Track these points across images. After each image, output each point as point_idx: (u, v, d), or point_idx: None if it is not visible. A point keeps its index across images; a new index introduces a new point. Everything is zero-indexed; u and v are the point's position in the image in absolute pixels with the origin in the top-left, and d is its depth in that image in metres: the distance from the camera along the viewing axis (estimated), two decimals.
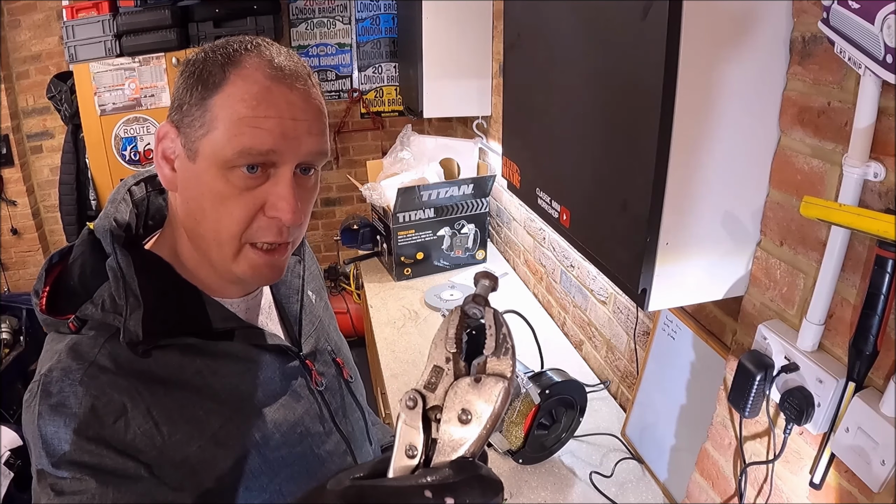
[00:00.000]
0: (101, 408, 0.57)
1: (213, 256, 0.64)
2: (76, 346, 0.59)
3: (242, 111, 0.58)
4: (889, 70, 0.61)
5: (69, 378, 0.57)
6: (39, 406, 0.57)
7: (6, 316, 2.61)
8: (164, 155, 0.63)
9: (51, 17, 3.11)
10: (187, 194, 0.62)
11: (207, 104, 0.59)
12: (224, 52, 0.60)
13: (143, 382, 0.60)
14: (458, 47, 2.32)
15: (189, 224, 0.64)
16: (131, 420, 0.58)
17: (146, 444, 0.58)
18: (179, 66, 0.64)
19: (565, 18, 0.97)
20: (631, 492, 1.25)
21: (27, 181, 3.37)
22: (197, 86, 0.59)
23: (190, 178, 0.61)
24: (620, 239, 0.87)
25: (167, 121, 0.62)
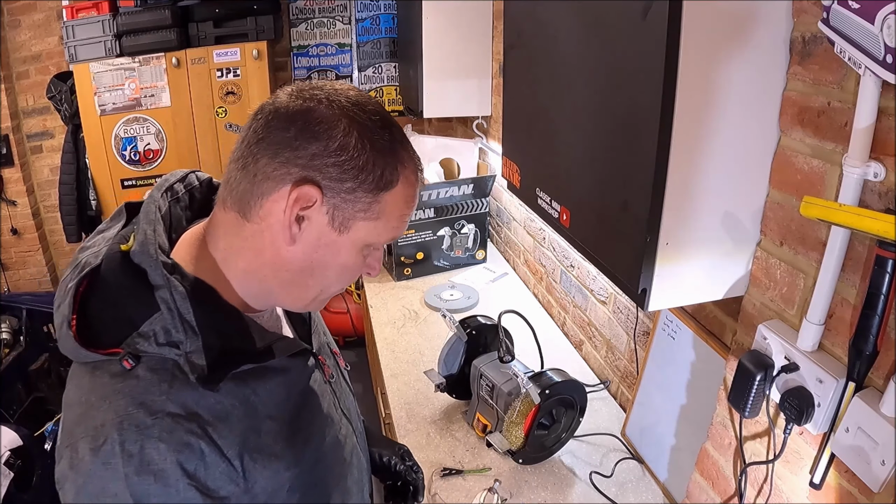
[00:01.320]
0: (185, 461, 0.58)
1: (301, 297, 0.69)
2: (142, 397, 0.58)
3: (403, 210, 0.67)
4: (889, 70, 0.61)
5: (146, 434, 0.57)
6: (124, 468, 0.56)
7: (6, 316, 2.61)
8: (298, 216, 0.62)
9: (51, 17, 3.11)
10: (314, 256, 0.65)
11: (381, 197, 0.64)
12: (394, 145, 0.64)
13: (209, 423, 0.60)
14: (458, 47, 2.32)
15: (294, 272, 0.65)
16: (209, 464, 0.60)
17: (225, 482, 0.61)
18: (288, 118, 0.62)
19: (565, 18, 0.97)
20: (631, 492, 1.25)
21: (27, 181, 3.37)
22: (371, 176, 0.62)
23: (326, 245, 0.64)
24: (620, 239, 0.87)
25: (310, 184, 0.61)
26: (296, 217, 0.62)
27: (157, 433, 0.57)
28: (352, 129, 0.61)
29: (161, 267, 0.61)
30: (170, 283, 0.60)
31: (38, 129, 3.34)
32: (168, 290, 0.60)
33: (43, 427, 2.29)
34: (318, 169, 0.61)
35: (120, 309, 0.62)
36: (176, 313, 0.60)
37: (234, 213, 0.64)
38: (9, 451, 1.92)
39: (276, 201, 0.61)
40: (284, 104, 0.62)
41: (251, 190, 0.62)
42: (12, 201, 3.34)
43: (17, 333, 2.60)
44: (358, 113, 0.62)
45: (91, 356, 0.60)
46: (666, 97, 0.72)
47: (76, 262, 0.66)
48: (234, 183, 0.63)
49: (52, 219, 3.47)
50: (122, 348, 0.60)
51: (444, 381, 1.47)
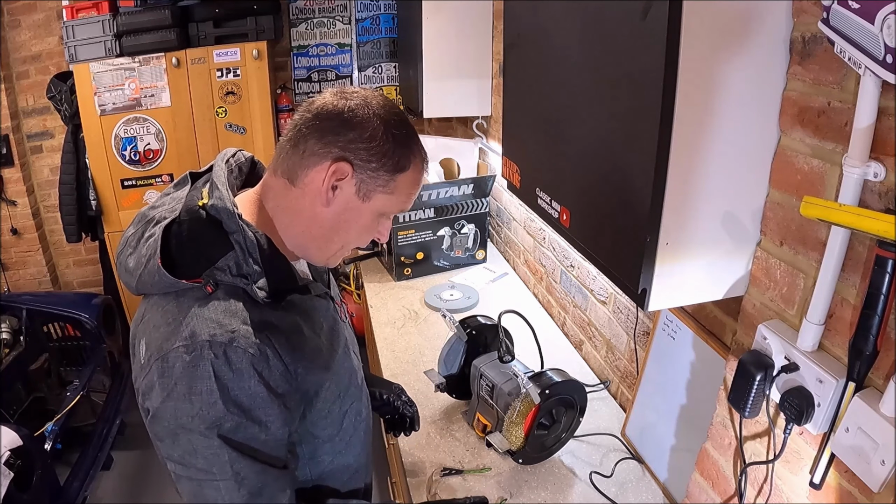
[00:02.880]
0: (256, 363, 0.76)
1: (325, 251, 0.88)
2: (225, 313, 0.76)
3: (411, 189, 0.87)
4: (889, 70, 0.61)
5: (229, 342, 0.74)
6: (214, 366, 0.74)
7: (6, 316, 2.60)
8: (333, 185, 0.82)
9: (51, 17, 3.11)
10: (341, 216, 0.84)
11: (396, 177, 0.83)
12: (408, 139, 0.85)
13: (273, 335, 0.79)
14: (458, 47, 2.32)
15: (324, 229, 0.85)
16: (273, 367, 0.78)
17: (282, 381, 0.79)
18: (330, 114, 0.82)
19: (565, 18, 0.97)
20: (631, 492, 1.25)
21: (27, 181, 3.37)
22: (391, 160, 0.82)
23: (352, 209, 0.84)
24: (620, 239, 0.87)
25: (345, 161, 0.80)
26: (332, 186, 0.81)
27: (237, 342, 0.75)
28: (380, 124, 0.81)
29: (236, 217, 0.79)
30: (243, 230, 0.79)
31: (38, 129, 3.34)
32: (241, 234, 0.79)
33: (43, 427, 2.29)
34: (352, 151, 0.80)
35: (200, 249, 0.80)
36: (246, 252, 0.79)
37: (283, 179, 0.83)
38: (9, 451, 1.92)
39: (319, 172, 0.81)
40: (331, 102, 0.82)
41: (299, 163, 0.81)
42: (12, 201, 3.34)
43: (17, 333, 2.60)
44: (385, 112, 0.82)
45: (178, 284, 0.78)
46: (666, 97, 0.72)
47: (146, 218, 0.84)
48: (285, 156, 0.83)
49: (52, 219, 3.47)
50: (202, 278, 0.78)
51: (444, 381, 1.47)
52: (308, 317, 0.88)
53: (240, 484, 0.77)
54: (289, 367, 0.80)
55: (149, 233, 0.81)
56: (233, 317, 0.77)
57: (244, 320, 0.77)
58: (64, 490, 2.21)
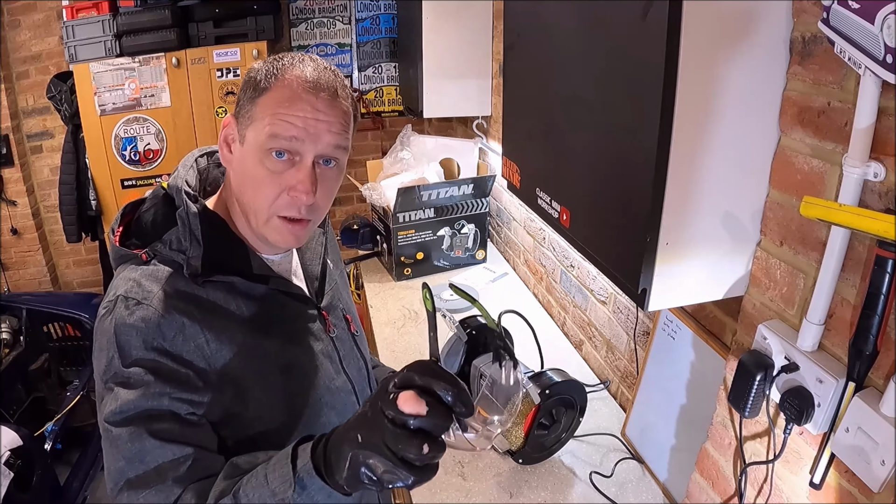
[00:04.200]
0: (165, 325, 0.72)
1: (251, 221, 0.80)
2: (148, 275, 0.76)
3: (276, 109, 0.75)
4: (889, 70, 0.61)
5: (141, 301, 0.73)
6: (116, 320, 0.72)
7: (6, 316, 2.61)
8: (225, 139, 0.80)
9: (51, 17, 3.11)
10: (237, 171, 0.80)
11: (255, 102, 0.76)
12: (275, 65, 0.77)
13: (197, 308, 0.76)
14: (458, 47, 2.32)
15: (237, 194, 0.81)
16: (187, 336, 0.74)
17: (198, 355, 0.74)
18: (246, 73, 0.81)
19: (565, 18, 0.97)
20: (631, 492, 1.25)
21: (27, 181, 3.37)
22: (250, 87, 0.77)
23: (239, 160, 0.79)
24: (620, 239, 0.87)
25: (230, 114, 0.81)
26: (224, 142, 0.80)
27: (149, 300, 0.73)
28: (260, 66, 0.78)
29: (182, 193, 0.79)
30: (185, 203, 0.78)
31: (38, 129, 3.34)
32: (184, 209, 0.78)
33: (43, 427, 2.29)
34: (237, 104, 0.79)
35: (152, 224, 0.81)
36: (188, 227, 0.77)
37: None
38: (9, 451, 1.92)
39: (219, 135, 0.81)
40: None
41: None
42: (12, 201, 3.34)
43: (17, 333, 2.60)
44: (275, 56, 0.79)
45: (122, 252, 0.79)
46: (666, 97, 0.72)
47: None
48: None
49: (52, 219, 3.47)
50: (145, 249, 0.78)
51: None
52: (258, 307, 0.81)
53: (114, 446, 0.70)
54: (209, 343, 0.75)
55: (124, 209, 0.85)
56: (154, 280, 0.75)
57: (165, 286, 0.75)
58: (64, 490, 2.21)
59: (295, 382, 0.84)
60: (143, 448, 0.69)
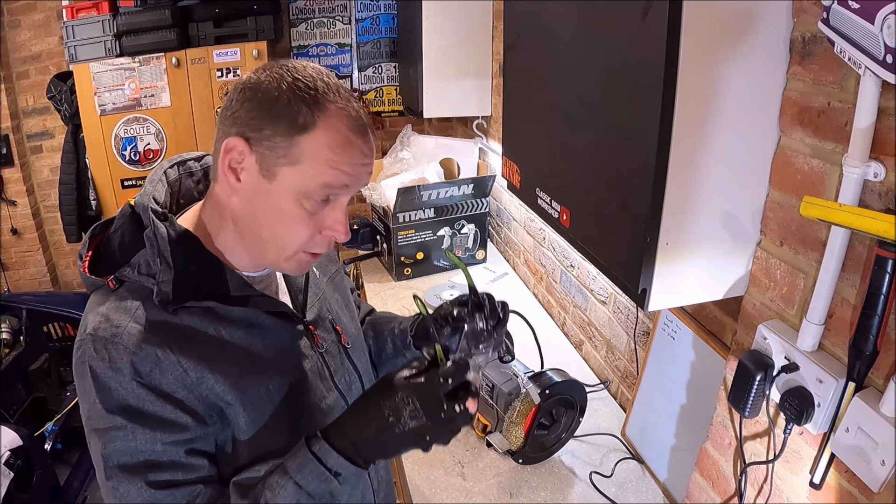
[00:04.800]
0: (139, 361, 0.68)
1: (268, 255, 0.75)
2: (116, 307, 0.70)
3: (328, 155, 0.69)
4: (889, 70, 0.61)
5: (111, 340, 0.68)
6: (90, 363, 0.68)
7: (6, 316, 2.61)
8: (231, 166, 0.71)
9: (51, 17, 3.11)
10: (254, 204, 0.72)
11: (295, 140, 0.68)
12: (309, 93, 0.68)
13: (172, 338, 0.70)
14: (458, 47, 2.32)
15: (247, 224, 0.74)
16: (164, 369, 0.69)
17: (178, 386, 0.70)
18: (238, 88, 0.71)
19: (565, 18, 0.97)
20: (631, 492, 1.25)
21: (27, 181, 3.37)
22: (283, 119, 0.68)
23: (262, 193, 0.71)
24: (620, 239, 0.87)
25: (236, 136, 0.69)
26: (230, 167, 0.70)
27: (119, 338, 0.68)
28: (275, 81, 0.69)
29: (149, 211, 0.73)
30: (154, 224, 0.72)
31: (38, 129, 3.34)
32: (152, 229, 0.72)
33: (43, 427, 2.29)
34: (245, 123, 0.69)
35: (121, 248, 0.75)
36: (156, 249, 0.72)
37: (212, 182, 0.76)
38: (9, 451, 1.92)
39: (218, 156, 0.71)
40: (241, 79, 0.72)
41: (214, 156, 0.73)
42: (12, 201, 3.34)
43: (17, 333, 2.61)
44: (286, 69, 0.70)
45: (92, 280, 0.74)
46: (666, 97, 0.72)
47: None
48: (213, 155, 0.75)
49: (52, 219, 3.47)
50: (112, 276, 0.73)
51: None
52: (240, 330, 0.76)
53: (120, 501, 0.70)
54: (188, 372, 0.70)
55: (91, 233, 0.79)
56: (123, 313, 0.70)
57: (136, 318, 0.69)
58: (64, 490, 2.21)
59: (285, 406, 0.79)
60: (154, 500, 0.69)
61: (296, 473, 0.71)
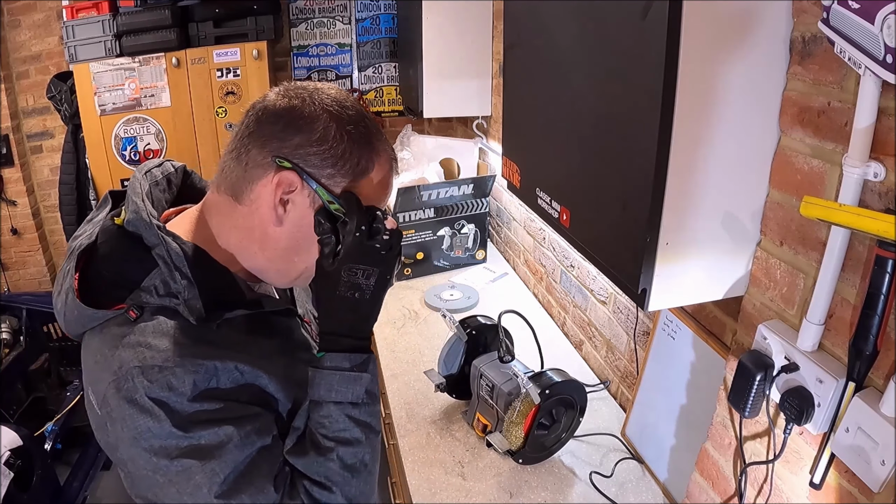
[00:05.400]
0: (200, 380, 0.66)
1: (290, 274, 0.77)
2: (153, 335, 0.67)
3: (374, 196, 0.74)
4: (889, 70, 0.61)
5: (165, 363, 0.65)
6: (149, 394, 0.64)
7: (6, 316, 2.61)
8: (282, 200, 0.71)
9: (51, 17, 3.11)
10: (298, 235, 0.73)
11: (356, 183, 0.72)
12: (366, 137, 0.73)
13: (217, 348, 0.69)
14: (458, 47, 2.32)
15: (281, 249, 0.74)
16: (222, 380, 0.68)
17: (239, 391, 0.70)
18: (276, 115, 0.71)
19: (565, 18, 0.97)
20: (631, 492, 1.25)
21: (27, 181, 3.37)
22: (348, 163, 0.71)
23: (309, 226, 0.72)
24: (620, 239, 0.87)
25: (292, 171, 0.70)
26: (280, 200, 0.71)
27: (173, 362, 0.65)
28: (331, 122, 0.70)
29: (155, 228, 0.70)
30: (165, 241, 0.69)
31: (38, 129, 3.34)
32: (164, 247, 0.69)
33: (43, 427, 2.29)
34: (300, 157, 0.70)
35: (120, 272, 0.70)
36: (172, 266, 0.69)
37: (227, 196, 0.74)
38: (9, 451, 1.92)
39: (265, 186, 0.70)
40: (273, 102, 0.72)
41: (243, 177, 0.71)
42: (12, 201, 3.34)
43: (17, 333, 2.61)
44: (337, 108, 0.71)
45: (98, 315, 0.68)
46: (666, 97, 0.72)
47: (70, 250, 0.74)
48: (228, 171, 0.73)
49: (52, 219, 3.47)
50: (126, 303, 0.68)
51: (444, 381, 1.47)
52: (262, 334, 0.77)
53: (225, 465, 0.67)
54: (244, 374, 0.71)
55: (68, 266, 0.72)
56: (163, 337, 0.67)
57: (177, 339, 0.67)
58: (64, 490, 2.21)
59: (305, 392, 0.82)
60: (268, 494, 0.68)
61: (328, 395, 0.72)
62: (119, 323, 0.68)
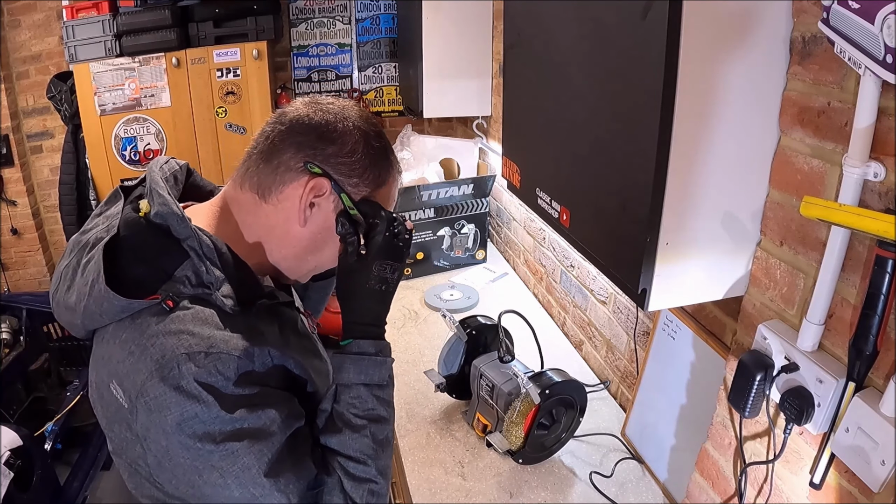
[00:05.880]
0: (241, 365, 0.69)
1: (301, 269, 0.85)
2: (193, 323, 0.69)
3: (385, 203, 0.83)
4: (889, 70, 0.61)
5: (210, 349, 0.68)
6: (199, 379, 0.66)
7: (6, 316, 2.61)
8: (311, 202, 0.78)
9: (51, 17, 3.11)
10: (318, 236, 0.80)
11: (375, 192, 0.81)
12: (385, 152, 0.82)
13: (251, 335, 0.72)
14: (458, 47, 2.32)
15: (300, 247, 0.81)
16: (258, 363, 0.72)
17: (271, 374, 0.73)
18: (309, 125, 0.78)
19: (565, 18, 0.97)
20: (631, 492, 1.25)
21: (27, 181, 3.37)
22: (371, 174, 0.80)
23: (329, 228, 0.80)
24: (620, 239, 0.87)
25: (324, 177, 0.77)
26: (309, 203, 0.77)
27: (218, 348, 0.68)
28: (360, 138, 0.79)
29: (187, 220, 0.72)
30: (196, 234, 0.72)
31: (38, 129, 3.34)
32: (196, 238, 0.72)
33: (43, 427, 2.29)
34: (332, 166, 0.77)
35: (150, 263, 0.72)
36: (203, 257, 0.72)
37: (251, 193, 0.78)
38: (9, 451, 1.92)
39: (296, 188, 0.76)
40: (306, 114, 0.78)
41: (272, 177, 0.77)
42: (12, 201, 3.34)
43: (17, 333, 2.60)
44: (365, 125, 0.80)
45: (133, 305, 0.69)
46: (666, 97, 0.72)
47: (80, 244, 0.76)
48: (256, 170, 0.78)
49: (52, 219, 3.47)
50: (159, 294, 0.70)
51: (444, 381, 1.47)
52: (282, 323, 0.81)
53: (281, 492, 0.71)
54: (274, 360, 0.74)
55: (86, 258, 0.72)
56: (205, 325, 0.69)
57: (218, 326, 0.70)
58: (64, 490, 2.21)
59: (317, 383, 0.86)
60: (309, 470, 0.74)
61: (357, 378, 0.79)
62: (154, 313, 0.69)
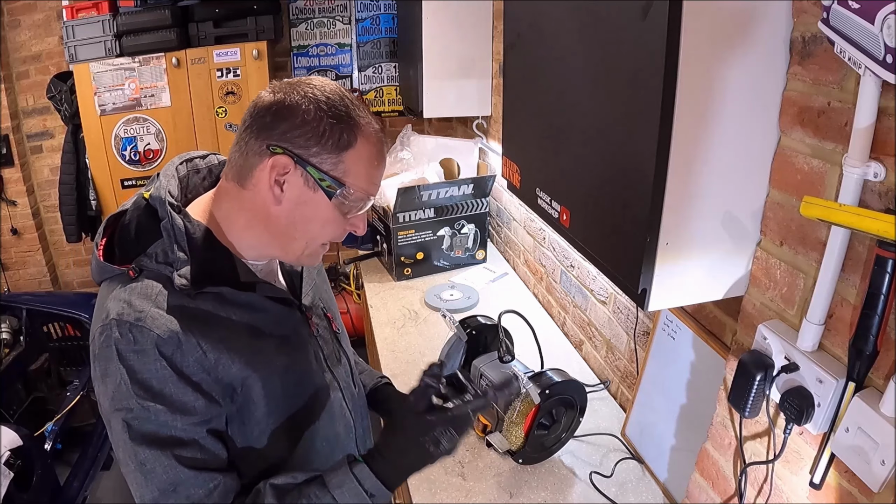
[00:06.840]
0: (162, 344, 0.74)
1: (294, 250, 0.85)
2: (138, 294, 0.76)
3: (368, 169, 0.81)
4: (889, 70, 0.61)
5: (135, 323, 0.74)
6: (117, 345, 0.73)
7: (6, 316, 2.60)
8: (277, 181, 0.79)
9: (51, 17, 3.11)
10: (297, 211, 0.81)
11: (342, 157, 0.79)
12: (346, 113, 0.79)
13: (191, 322, 0.76)
14: (458, 47, 2.32)
15: (283, 227, 0.82)
16: (185, 351, 0.75)
17: (197, 368, 0.76)
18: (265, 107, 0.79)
19: (565, 18, 0.97)
20: (631, 492, 1.25)
21: (27, 181, 3.37)
22: (329, 140, 0.78)
23: (306, 203, 0.80)
24: (620, 239, 0.87)
25: (284, 154, 0.77)
26: (275, 181, 0.79)
27: (143, 321, 0.74)
28: (310, 106, 0.77)
29: (166, 204, 0.79)
30: (171, 216, 0.78)
31: (38, 129, 3.34)
32: (170, 221, 0.78)
33: (43, 427, 2.29)
34: (288, 141, 0.77)
35: (137, 238, 0.80)
36: (173, 239, 0.78)
37: (233, 183, 0.82)
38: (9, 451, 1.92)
39: (262, 171, 0.78)
40: (265, 98, 0.80)
41: (244, 164, 0.80)
42: (12, 201, 3.34)
43: (17, 333, 2.60)
44: (316, 93, 0.78)
45: (108, 269, 0.79)
46: (666, 97, 0.72)
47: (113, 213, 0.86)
48: (233, 161, 0.82)
49: (52, 219, 3.47)
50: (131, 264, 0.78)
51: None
52: (248, 314, 0.83)
53: (146, 477, 0.74)
54: (207, 354, 0.76)
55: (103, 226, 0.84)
56: (145, 299, 0.75)
57: (157, 304, 0.75)
58: (64, 490, 2.21)
59: (291, 384, 0.87)
60: (176, 478, 0.75)
61: (335, 489, 0.80)
62: (121, 280, 0.78)
